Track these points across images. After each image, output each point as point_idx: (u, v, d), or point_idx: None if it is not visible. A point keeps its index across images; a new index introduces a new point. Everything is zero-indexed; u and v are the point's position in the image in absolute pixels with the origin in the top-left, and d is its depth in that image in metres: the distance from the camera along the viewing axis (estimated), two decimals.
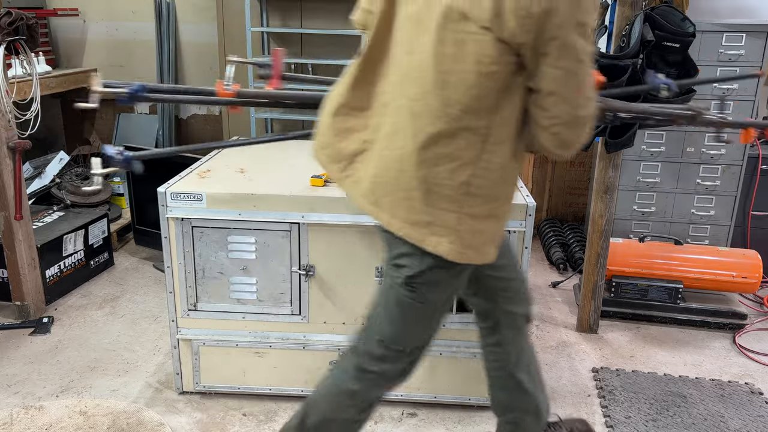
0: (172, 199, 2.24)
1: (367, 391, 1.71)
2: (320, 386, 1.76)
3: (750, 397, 2.58)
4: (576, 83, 1.38)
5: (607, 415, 2.43)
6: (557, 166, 4.40)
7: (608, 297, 3.19)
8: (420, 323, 1.67)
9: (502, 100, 1.42)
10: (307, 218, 2.24)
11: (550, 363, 2.81)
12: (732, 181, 3.48)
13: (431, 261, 1.52)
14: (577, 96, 1.39)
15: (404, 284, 1.57)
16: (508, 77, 1.39)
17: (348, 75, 1.62)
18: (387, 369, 1.68)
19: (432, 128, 1.43)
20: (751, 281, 3.10)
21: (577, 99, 1.39)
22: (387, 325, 1.64)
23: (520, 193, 2.29)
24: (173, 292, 2.35)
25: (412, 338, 1.67)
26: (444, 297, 1.64)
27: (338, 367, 1.76)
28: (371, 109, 1.59)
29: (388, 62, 1.55)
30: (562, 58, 1.34)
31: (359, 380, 1.69)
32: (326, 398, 1.73)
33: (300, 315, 2.36)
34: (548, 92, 1.38)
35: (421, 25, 1.43)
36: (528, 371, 1.87)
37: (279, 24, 4.17)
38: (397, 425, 2.35)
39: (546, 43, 1.32)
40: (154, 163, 3.53)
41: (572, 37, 1.32)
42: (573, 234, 4.11)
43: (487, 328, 1.88)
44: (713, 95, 3.36)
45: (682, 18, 2.57)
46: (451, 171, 1.45)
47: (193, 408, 2.42)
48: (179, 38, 4.58)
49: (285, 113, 4.12)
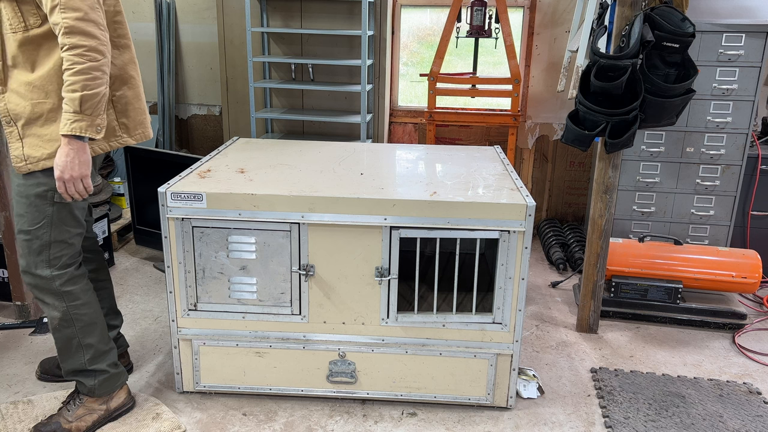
0: (172, 199, 2.24)
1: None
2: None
3: (748, 397, 2.58)
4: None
5: (606, 415, 2.43)
6: (557, 167, 4.40)
7: (608, 297, 3.20)
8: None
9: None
10: (307, 218, 2.24)
11: (549, 363, 2.82)
12: (731, 181, 3.48)
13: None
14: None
15: None
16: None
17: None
18: None
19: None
20: (751, 281, 3.10)
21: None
22: None
23: (519, 193, 2.29)
24: (173, 292, 2.35)
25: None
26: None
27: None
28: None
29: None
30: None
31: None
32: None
33: (300, 315, 2.36)
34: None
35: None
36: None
37: (279, 24, 4.18)
38: (397, 425, 2.36)
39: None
40: (154, 163, 3.55)
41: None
42: (573, 234, 4.11)
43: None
44: (713, 95, 3.36)
45: (682, 18, 2.57)
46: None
47: (193, 408, 2.42)
48: (179, 38, 4.58)
49: (285, 113, 4.12)
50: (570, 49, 3.60)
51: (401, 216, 2.22)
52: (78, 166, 1.94)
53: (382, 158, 2.79)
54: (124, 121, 2.18)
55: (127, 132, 2.19)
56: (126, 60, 2.16)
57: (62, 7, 1.82)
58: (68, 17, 1.83)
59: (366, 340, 2.38)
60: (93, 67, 1.87)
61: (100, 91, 1.90)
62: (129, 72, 2.18)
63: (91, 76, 1.87)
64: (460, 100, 4.50)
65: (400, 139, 4.51)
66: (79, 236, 2.16)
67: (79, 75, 1.85)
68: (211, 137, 4.78)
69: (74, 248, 2.15)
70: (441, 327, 2.36)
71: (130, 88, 2.18)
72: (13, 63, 1.98)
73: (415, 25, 4.41)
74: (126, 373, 2.36)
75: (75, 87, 1.86)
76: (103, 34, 1.90)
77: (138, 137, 2.23)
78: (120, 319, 2.56)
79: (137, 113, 2.21)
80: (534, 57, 4.21)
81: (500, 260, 2.26)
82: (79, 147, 1.93)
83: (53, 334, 2.18)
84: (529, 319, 3.22)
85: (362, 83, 3.85)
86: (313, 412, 2.42)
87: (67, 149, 1.92)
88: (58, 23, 1.84)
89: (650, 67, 2.63)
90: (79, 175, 1.95)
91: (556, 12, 4.11)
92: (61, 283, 2.12)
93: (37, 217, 2.05)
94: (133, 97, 2.19)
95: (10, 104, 2.00)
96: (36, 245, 2.07)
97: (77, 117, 1.88)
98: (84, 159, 1.95)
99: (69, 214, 2.10)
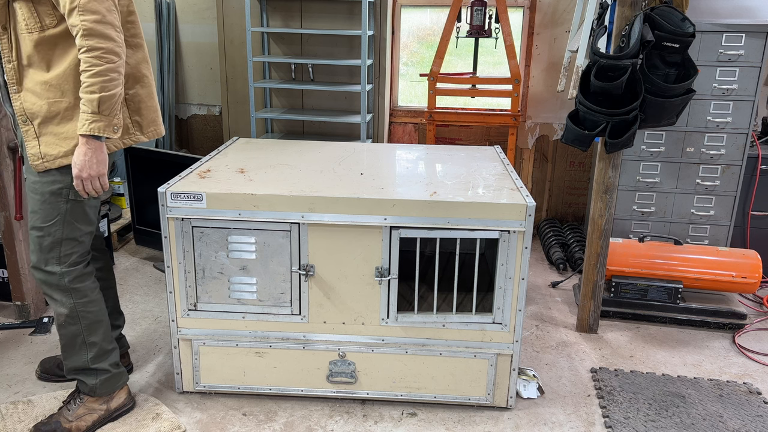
0: (172, 199, 2.24)
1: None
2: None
3: (748, 397, 2.58)
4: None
5: (606, 415, 2.43)
6: (557, 167, 4.40)
7: (608, 297, 3.20)
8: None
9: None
10: (307, 218, 2.24)
11: (549, 363, 2.82)
12: (731, 181, 3.48)
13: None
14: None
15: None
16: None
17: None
18: None
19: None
20: (751, 281, 3.10)
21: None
22: None
23: (519, 193, 2.29)
24: (173, 292, 2.35)
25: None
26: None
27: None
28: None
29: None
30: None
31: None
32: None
33: (300, 315, 2.36)
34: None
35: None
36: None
37: (279, 24, 4.18)
38: (397, 425, 2.36)
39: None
40: (154, 163, 3.54)
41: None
42: (573, 234, 4.11)
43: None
44: (713, 95, 3.36)
45: (682, 18, 2.57)
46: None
47: (193, 408, 2.42)
48: (179, 38, 4.58)
49: (285, 113, 4.12)
50: (570, 49, 3.60)
51: (401, 216, 2.22)
52: (96, 165, 1.99)
53: (382, 158, 2.79)
54: (138, 119, 2.21)
55: (140, 130, 2.22)
56: (139, 59, 2.19)
57: (81, 9, 1.85)
58: (87, 20, 1.86)
59: (366, 340, 2.38)
60: (110, 69, 1.91)
61: (117, 92, 1.95)
62: (142, 71, 2.20)
63: (108, 78, 1.91)
64: (460, 100, 4.50)
65: (400, 139, 4.51)
66: (89, 234, 2.19)
67: (97, 77, 1.90)
68: (211, 137, 4.78)
69: (84, 246, 2.18)
70: (441, 327, 2.36)
71: (143, 86, 2.21)
72: (28, 63, 2.00)
73: (415, 25, 4.41)
74: (127, 373, 2.36)
75: (93, 89, 1.90)
76: (119, 36, 1.94)
77: (151, 134, 2.26)
78: (122, 320, 2.57)
79: (150, 111, 2.24)
80: (534, 57, 4.21)
81: (500, 260, 2.26)
82: (97, 146, 1.98)
83: (58, 330, 2.20)
84: (529, 319, 3.22)
85: (362, 83, 3.85)
86: (313, 412, 2.42)
87: (85, 148, 1.96)
88: (77, 25, 1.87)
89: (650, 67, 2.63)
90: (97, 173, 2.00)
91: (556, 12, 4.11)
92: (70, 280, 2.14)
93: (51, 214, 2.08)
94: (146, 95, 2.22)
95: (26, 103, 2.03)
96: (47, 242, 2.10)
97: (95, 117, 1.93)
98: (101, 158, 2.00)
99: (82, 212, 2.13)
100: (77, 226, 2.13)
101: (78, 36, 1.88)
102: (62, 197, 2.08)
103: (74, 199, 2.10)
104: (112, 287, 2.52)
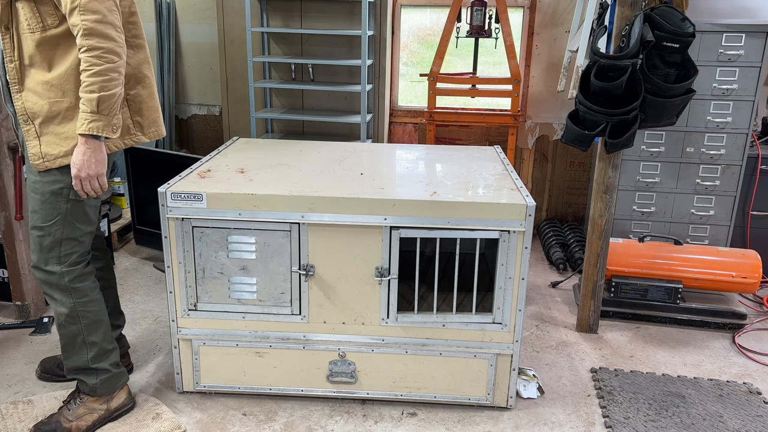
0: (172, 199, 2.24)
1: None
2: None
3: (748, 397, 2.58)
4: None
5: (606, 415, 2.43)
6: (557, 167, 4.40)
7: (608, 297, 3.20)
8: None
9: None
10: (307, 218, 2.24)
11: (549, 363, 2.82)
12: (731, 181, 3.48)
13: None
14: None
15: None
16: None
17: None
18: None
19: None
20: (751, 281, 3.10)
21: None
22: None
23: (519, 193, 2.29)
24: (173, 292, 2.35)
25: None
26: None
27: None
28: None
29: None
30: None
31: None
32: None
33: (300, 315, 2.36)
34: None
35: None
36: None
37: (279, 24, 4.18)
38: (397, 425, 2.36)
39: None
40: (154, 163, 3.54)
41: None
42: (573, 234, 4.11)
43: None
44: (713, 95, 3.36)
45: (682, 18, 2.57)
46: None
47: (193, 408, 2.42)
48: (179, 38, 4.58)
49: (285, 113, 4.12)
50: (570, 49, 3.60)
51: (401, 216, 2.22)
52: (95, 165, 1.99)
53: (382, 158, 2.79)
54: (139, 119, 2.21)
55: (141, 130, 2.23)
56: (140, 59, 2.20)
57: (81, 9, 1.86)
58: (87, 19, 1.86)
59: (366, 340, 2.38)
60: (110, 69, 1.91)
61: (117, 92, 1.95)
62: (143, 71, 2.20)
63: (108, 78, 1.91)
64: (460, 100, 4.50)
65: (400, 139, 4.51)
66: (90, 234, 2.19)
67: (97, 76, 1.90)
68: (211, 137, 4.78)
69: (85, 246, 2.18)
70: (441, 327, 2.36)
71: (144, 87, 2.21)
72: (30, 62, 2.01)
73: (415, 25, 4.41)
74: (127, 373, 2.36)
75: (92, 88, 1.90)
76: (119, 36, 1.95)
77: (152, 135, 2.26)
78: (123, 320, 2.57)
79: (151, 112, 2.24)
80: (534, 57, 4.21)
81: (500, 260, 2.26)
82: (96, 146, 1.98)
83: (59, 330, 2.20)
84: (529, 319, 3.22)
85: (362, 83, 3.85)
86: (313, 412, 2.42)
87: (84, 148, 1.96)
88: (77, 25, 1.87)
89: (650, 67, 2.63)
90: (96, 173, 2.00)
91: (556, 12, 4.11)
92: (70, 280, 2.14)
93: (51, 213, 2.08)
94: (147, 96, 2.22)
95: (28, 103, 2.03)
96: (48, 241, 2.10)
97: (94, 117, 1.93)
98: (100, 157, 2.00)
99: (82, 212, 2.13)
100: (77, 226, 2.13)
101: (78, 35, 1.88)
102: (63, 197, 2.08)
103: (75, 199, 2.10)
104: (112, 287, 2.52)
